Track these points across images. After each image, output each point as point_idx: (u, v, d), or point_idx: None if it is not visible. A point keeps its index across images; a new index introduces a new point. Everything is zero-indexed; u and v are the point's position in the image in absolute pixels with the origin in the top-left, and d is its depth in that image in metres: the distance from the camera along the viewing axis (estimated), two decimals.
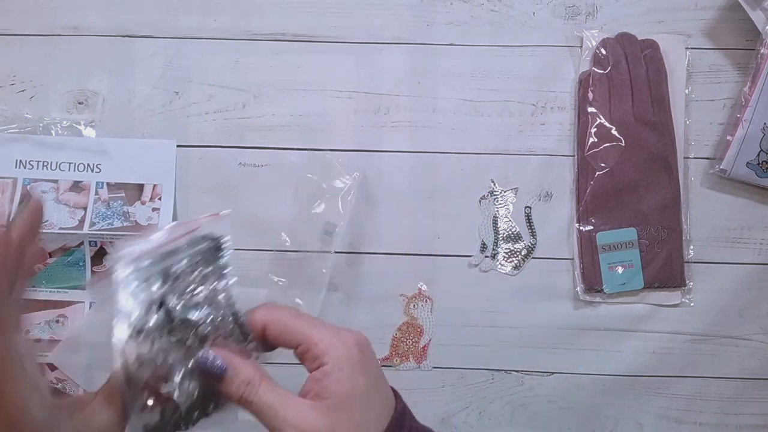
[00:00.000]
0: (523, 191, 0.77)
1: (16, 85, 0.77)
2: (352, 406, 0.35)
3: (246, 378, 0.35)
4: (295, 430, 0.34)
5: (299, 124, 0.77)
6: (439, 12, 0.78)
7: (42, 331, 0.75)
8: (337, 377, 0.35)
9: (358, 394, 0.35)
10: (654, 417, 0.77)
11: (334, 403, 0.35)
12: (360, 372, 0.36)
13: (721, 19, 0.77)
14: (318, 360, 0.36)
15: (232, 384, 0.35)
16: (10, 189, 0.75)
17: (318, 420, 0.34)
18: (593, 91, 0.75)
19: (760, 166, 0.74)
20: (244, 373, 0.35)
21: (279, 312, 0.37)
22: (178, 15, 0.77)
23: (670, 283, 0.76)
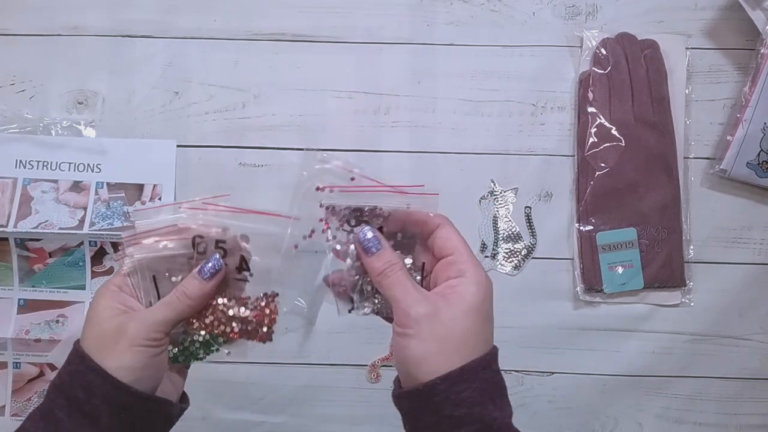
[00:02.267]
0: (523, 191, 0.77)
1: (16, 85, 0.77)
2: (462, 319, 0.39)
3: (390, 259, 0.41)
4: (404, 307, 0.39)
5: (299, 124, 0.77)
6: (439, 12, 0.78)
7: (42, 331, 0.75)
8: (468, 289, 0.40)
9: (474, 313, 0.39)
10: (654, 417, 0.77)
11: (449, 307, 0.39)
12: (486, 300, 0.40)
13: (721, 19, 0.77)
14: (460, 271, 0.40)
15: (379, 260, 0.41)
16: (10, 189, 0.75)
17: (425, 308, 0.39)
18: (593, 91, 0.75)
19: (760, 166, 0.74)
20: (390, 255, 0.41)
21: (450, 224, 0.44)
22: (178, 15, 0.77)
23: (670, 283, 0.76)
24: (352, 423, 0.77)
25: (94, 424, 0.38)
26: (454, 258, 0.41)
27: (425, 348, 0.38)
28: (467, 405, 0.37)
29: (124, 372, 0.39)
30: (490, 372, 0.39)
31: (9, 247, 0.74)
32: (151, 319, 0.41)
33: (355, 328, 0.76)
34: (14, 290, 0.75)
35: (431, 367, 0.38)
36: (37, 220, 0.74)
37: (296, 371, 0.77)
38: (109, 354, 0.39)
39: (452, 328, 0.38)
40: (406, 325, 0.39)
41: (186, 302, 0.42)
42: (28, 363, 0.76)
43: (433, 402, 0.38)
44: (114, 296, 0.42)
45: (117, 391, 0.39)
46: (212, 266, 0.42)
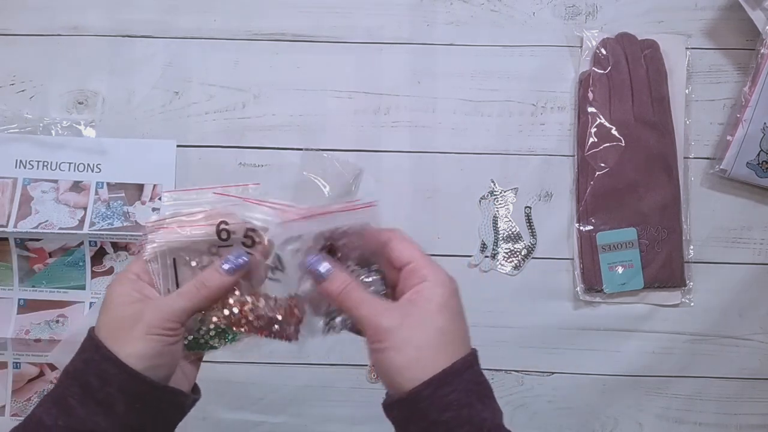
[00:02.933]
0: (523, 191, 0.77)
1: (16, 85, 0.77)
2: (434, 320, 0.39)
3: (345, 279, 0.41)
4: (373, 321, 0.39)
5: (299, 124, 0.77)
6: (439, 12, 0.78)
7: (42, 331, 0.75)
8: (434, 291, 0.39)
9: (445, 312, 0.39)
10: (654, 417, 0.77)
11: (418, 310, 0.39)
12: (453, 298, 0.40)
13: (721, 19, 0.77)
14: (422, 276, 0.40)
15: (333, 284, 0.41)
16: (10, 189, 0.75)
17: (394, 317, 0.39)
18: (593, 91, 0.75)
19: (760, 166, 0.74)
20: (341, 275, 0.41)
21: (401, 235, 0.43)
22: (178, 15, 0.77)
23: (670, 283, 0.76)
24: (352, 423, 0.77)
25: (108, 413, 0.38)
26: (413, 266, 0.41)
27: (404, 356, 0.38)
28: (454, 408, 0.37)
29: (137, 360, 0.39)
30: (473, 373, 0.39)
31: (9, 247, 0.74)
32: (167, 308, 0.40)
33: None
34: (14, 290, 0.75)
35: (414, 374, 0.37)
36: (37, 220, 0.74)
37: (296, 371, 0.77)
38: (123, 341, 0.39)
39: (426, 331, 0.38)
40: (380, 339, 0.38)
41: (204, 293, 0.41)
42: (28, 363, 0.76)
43: (419, 409, 0.37)
44: (131, 283, 0.42)
45: (131, 381, 0.38)
46: (236, 261, 0.42)
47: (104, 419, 0.38)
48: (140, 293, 0.41)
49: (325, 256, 0.41)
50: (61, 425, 0.38)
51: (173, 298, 0.41)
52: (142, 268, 0.43)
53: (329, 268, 0.41)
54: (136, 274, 0.42)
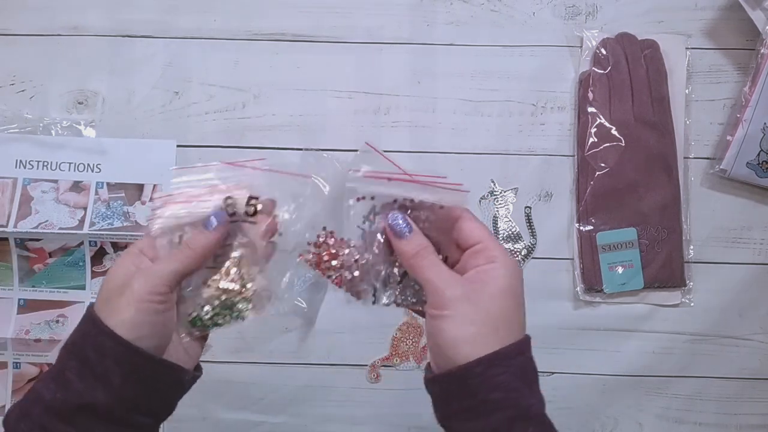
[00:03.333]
0: (523, 191, 0.77)
1: (16, 85, 0.77)
2: (497, 301, 0.39)
3: (423, 242, 0.41)
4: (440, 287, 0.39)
5: (299, 124, 0.77)
6: (439, 12, 0.78)
7: (42, 331, 0.75)
8: (500, 273, 0.40)
9: (508, 297, 0.40)
10: (654, 417, 0.77)
11: (484, 289, 0.39)
12: (518, 285, 0.41)
13: (721, 19, 0.77)
14: (490, 257, 0.40)
15: (411, 243, 0.41)
16: (10, 189, 0.75)
17: (461, 290, 0.39)
18: (593, 91, 0.75)
19: (760, 166, 0.74)
20: (421, 238, 0.41)
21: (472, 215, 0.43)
22: (178, 15, 0.77)
23: (670, 283, 0.76)
24: (352, 423, 0.77)
25: (105, 385, 0.38)
26: (481, 246, 0.41)
27: (463, 330, 0.38)
28: (503, 389, 0.37)
29: (126, 328, 0.39)
30: (525, 359, 0.39)
31: (9, 247, 0.74)
32: (153, 272, 0.40)
33: (355, 328, 0.76)
34: (14, 290, 0.75)
35: (469, 349, 0.37)
36: (37, 220, 0.74)
37: (296, 371, 0.77)
38: (114, 310, 0.39)
39: (488, 310, 0.39)
40: (443, 307, 0.38)
41: (187, 253, 0.41)
42: (28, 363, 0.76)
43: (467, 385, 0.37)
44: (132, 258, 0.42)
45: (126, 352, 0.39)
46: (217, 219, 0.42)
47: (102, 392, 0.38)
48: (136, 265, 0.42)
49: (407, 216, 0.42)
50: (60, 398, 0.38)
51: (158, 263, 0.41)
52: (147, 244, 0.43)
53: (411, 226, 0.41)
54: (140, 249, 0.43)
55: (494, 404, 0.37)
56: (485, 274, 0.40)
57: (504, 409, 0.37)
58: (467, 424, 0.38)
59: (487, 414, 0.37)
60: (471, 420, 0.38)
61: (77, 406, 0.38)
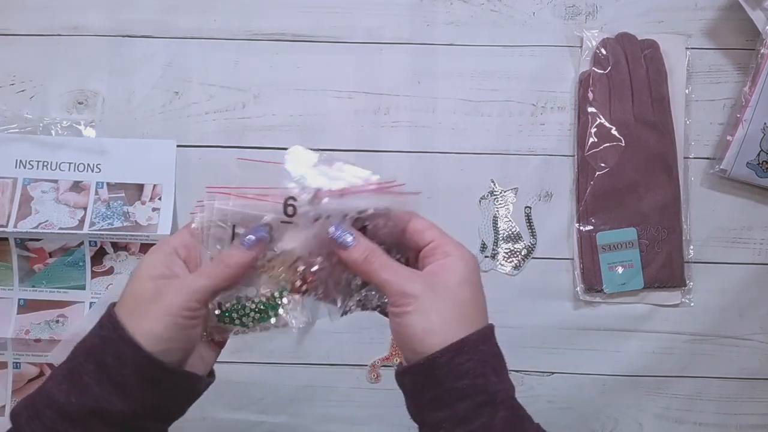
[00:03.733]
0: (523, 191, 0.77)
1: (16, 85, 0.77)
2: (457, 290, 0.40)
3: (369, 246, 0.41)
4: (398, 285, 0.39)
5: (299, 124, 0.77)
6: (439, 12, 0.78)
7: (42, 331, 0.75)
8: (457, 264, 0.40)
9: (467, 285, 0.40)
10: (654, 417, 0.77)
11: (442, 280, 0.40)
12: (475, 273, 0.41)
13: (721, 19, 0.77)
14: (445, 252, 0.41)
15: (357, 250, 0.41)
16: (10, 189, 0.75)
17: (419, 283, 0.39)
18: (593, 91, 0.75)
19: (760, 166, 0.74)
20: (366, 243, 0.41)
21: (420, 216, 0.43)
22: (178, 15, 0.77)
23: (670, 283, 0.76)
24: (352, 423, 0.77)
25: (123, 393, 0.38)
26: (435, 243, 0.42)
27: (427, 321, 0.38)
28: (470, 376, 0.37)
29: (152, 340, 0.38)
30: (490, 344, 0.40)
31: (9, 247, 0.74)
32: (187, 287, 0.39)
33: (355, 328, 0.76)
34: (14, 290, 0.75)
35: (435, 339, 0.38)
36: (37, 220, 0.74)
37: (296, 371, 0.77)
38: (141, 319, 0.38)
39: (450, 299, 0.39)
40: (404, 303, 0.39)
41: (225, 271, 0.40)
42: (28, 363, 0.76)
43: (435, 375, 0.38)
44: (164, 257, 0.41)
45: (148, 365, 0.38)
46: (255, 236, 0.41)
47: (119, 399, 0.38)
48: (169, 269, 0.40)
49: (348, 226, 0.41)
50: (75, 403, 0.37)
51: (194, 278, 0.40)
52: (181, 242, 0.42)
53: (353, 235, 0.41)
54: (174, 247, 0.41)
55: (461, 392, 0.37)
56: (441, 267, 0.40)
57: (472, 396, 0.37)
58: (437, 414, 0.38)
59: (455, 402, 0.37)
60: (440, 409, 0.38)
61: (91, 411, 0.37)
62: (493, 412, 0.37)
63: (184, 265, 0.41)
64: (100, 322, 0.40)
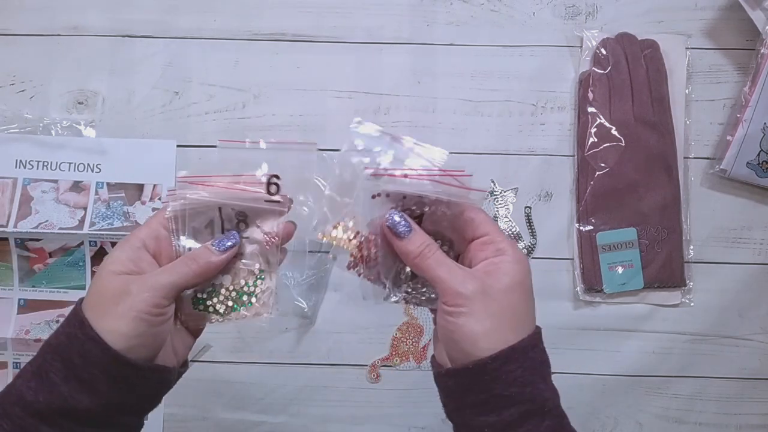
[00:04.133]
0: (523, 191, 0.77)
1: (16, 85, 0.77)
2: (510, 294, 0.39)
3: (425, 240, 0.40)
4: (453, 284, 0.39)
5: (299, 124, 0.77)
6: (439, 12, 0.78)
7: (42, 331, 0.75)
8: (512, 266, 0.39)
9: (520, 289, 0.39)
10: (654, 417, 0.77)
11: (496, 283, 0.39)
12: (528, 277, 0.40)
13: (721, 19, 0.77)
14: (499, 250, 0.40)
15: (412, 243, 0.40)
16: (10, 189, 0.75)
17: (473, 285, 0.38)
18: (593, 91, 0.75)
19: (760, 166, 0.74)
20: (422, 236, 0.40)
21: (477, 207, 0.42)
22: (178, 15, 0.77)
23: (670, 283, 0.76)
24: (352, 423, 0.77)
25: (91, 391, 0.38)
26: (489, 238, 0.41)
27: (480, 325, 0.38)
28: (518, 384, 0.37)
29: (120, 338, 0.37)
30: (538, 351, 0.39)
31: (9, 247, 0.74)
32: (154, 284, 0.39)
33: (355, 328, 0.76)
34: (14, 290, 0.75)
35: (487, 344, 0.38)
36: (37, 220, 0.74)
37: (296, 371, 0.77)
38: (107, 317, 0.38)
39: (503, 304, 0.38)
40: (458, 304, 0.38)
41: (193, 269, 0.40)
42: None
43: (483, 381, 0.38)
44: (131, 252, 0.40)
45: (115, 363, 0.37)
46: (228, 241, 0.41)
47: (87, 397, 0.37)
48: (135, 264, 0.40)
49: (405, 215, 0.41)
50: (42, 401, 0.37)
51: (160, 274, 0.40)
52: (151, 234, 0.41)
53: (410, 226, 0.40)
54: (142, 240, 0.41)
55: (510, 399, 0.37)
56: (496, 267, 0.40)
57: (519, 404, 0.37)
58: (481, 418, 0.38)
59: (502, 408, 0.37)
60: (485, 414, 0.38)
61: (59, 409, 0.37)
62: (540, 421, 0.38)
63: (152, 259, 0.41)
64: (67, 319, 0.39)
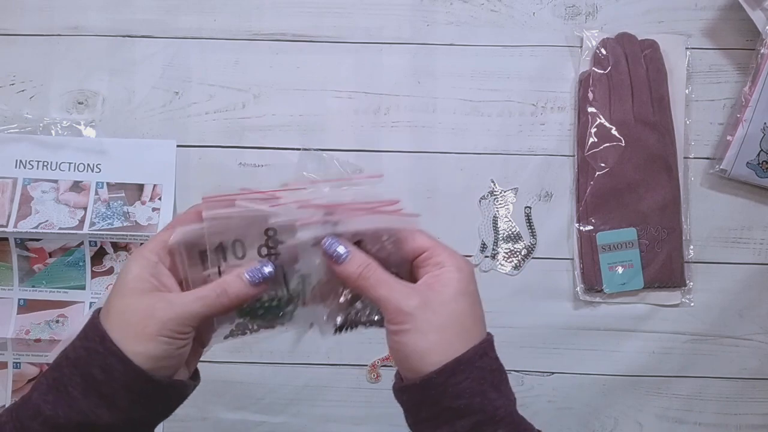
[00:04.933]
0: (523, 191, 0.77)
1: (16, 85, 0.77)
2: (454, 304, 0.39)
3: (364, 261, 0.40)
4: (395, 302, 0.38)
5: (299, 124, 0.77)
6: (439, 12, 0.78)
7: (42, 331, 0.75)
8: (452, 275, 0.39)
9: (464, 297, 0.39)
10: (654, 417, 0.77)
11: (438, 294, 0.39)
12: (471, 283, 0.40)
13: (721, 19, 0.77)
14: (439, 263, 0.40)
15: (352, 265, 0.39)
16: (10, 189, 0.75)
17: (416, 300, 0.38)
18: (593, 91, 0.75)
19: (760, 166, 0.74)
20: (361, 257, 0.40)
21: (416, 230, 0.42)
22: (178, 15, 0.77)
23: (670, 283, 0.76)
24: (352, 423, 0.77)
25: (111, 406, 0.37)
26: (428, 253, 0.41)
27: (426, 340, 0.38)
28: (467, 396, 0.37)
29: (144, 359, 0.37)
30: (488, 359, 0.39)
31: (9, 247, 0.74)
32: (181, 312, 0.38)
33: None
34: (14, 290, 0.75)
35: (433, 359, 0.37)
36: (37, 220, 0.74)
37: (296, 371, 0.77)
38: (132, 338, 0.37)
39: (447, 315, 0.38)
40: (402, 321, 0.38)
41: (223, 301, 0.39)
42: (28, 363, 0.76)
43: (431, 395, 0.37)
44: (150, 267, 0.39)
45: (137, 380, 0.37)
46: (261, 272, 0.40)
47: (106, 412, 0.37)
48: (158, 281, 0.39)
49: (342, 239, 0.40)
50: (62, 415, 0.36)
51: (190, 301, 0.38)
52: (165, 248, 0.40)
53: (347, 249, 0.40)
54: (158, 254, 0.40)
55: (459, 411, 0.37)
56: (436, 279, 0.39)
57: (471, 415, 0.37)
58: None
59: (453, 420, 0.37)
60: (438, 427, 0.38)
61: (78, 424, 0.37)
62: (493, 430, 0.37)
63: (169, 273, 0.40)
64: (84, 332, 0.39)
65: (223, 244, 0.40)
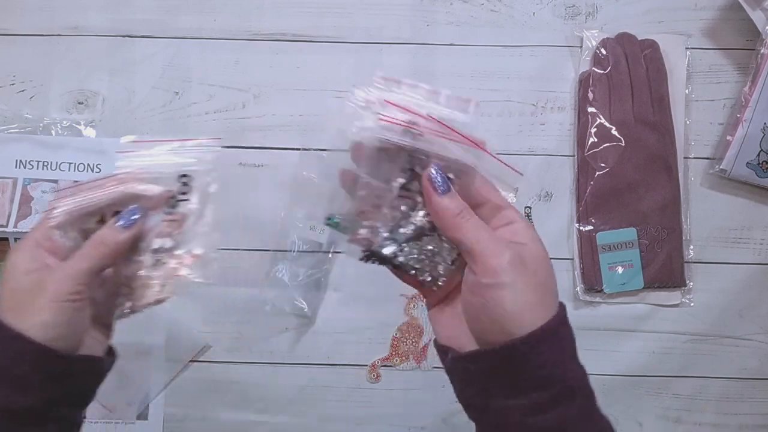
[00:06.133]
0: (523, 191, 0.77)
1: (16, 85, 0.77)
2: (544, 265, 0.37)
3: (462, 202, 0.38)
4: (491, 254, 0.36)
5: (299, 124, 0.77)
6: (439, 12, 0.78)
7: None
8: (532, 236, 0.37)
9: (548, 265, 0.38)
10: (654, 417, 0.77)
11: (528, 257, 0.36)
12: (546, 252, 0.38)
13: (721, 19, 0.77)
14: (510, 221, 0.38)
15: (454, 201, 0.37)
16: (10, 189, 0.75)
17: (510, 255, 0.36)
18: (593, 91, 0.75)
19: (760, 166, 0.74)
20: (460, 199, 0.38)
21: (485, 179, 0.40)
22: (178, 15, 0.77)
23: (670, 283, 0.75)
24: (352, 423, 0.77)
25: (24, 390, 0.37)
26: (494, 204, 0.38)
27: (519, 300, 0.35)
28: (549, 366, 0.35)
29: (42, 330, 0.37)
30: (567, 328, 0.38)
31: (9, 247, 0.74)
32: (69, 272, 0.39)
33: (355, 328, 0.76)
34: None
35: (527, 320, 0.35)
36: (37, 220, 0.74)
37: (296, 371, 0.77)
38: (27, 313, 0.38)
39: (543, 275, 0.37)
40: (496, 274, 0.35)
41: (102, 251, 0.40)
42: None
43: (512, 363, 0.35)
44: (31, 252, 0.40)
45: (43, 357, 0.37)
46: (130, 217, 0.41)
47: (21, 396, 0.37)
48: (40, 261, 0.40)
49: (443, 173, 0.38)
50: None
51: (73, 262, 0.40)
52: (43, 235, 0.41)
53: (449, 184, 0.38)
54: (36, 240, 0.41)
55: (540, 381, 0.35)
56: (517, 236, 0.37)
57: (550, 386, 0.35)
58: (509, 402, 0.36)
59: (532, 391, 0.35)
60: (514, 397, 0.36)
61: None
62: (570, 403, 0.36)
63: (51, 255, 0.41)
64: None
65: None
